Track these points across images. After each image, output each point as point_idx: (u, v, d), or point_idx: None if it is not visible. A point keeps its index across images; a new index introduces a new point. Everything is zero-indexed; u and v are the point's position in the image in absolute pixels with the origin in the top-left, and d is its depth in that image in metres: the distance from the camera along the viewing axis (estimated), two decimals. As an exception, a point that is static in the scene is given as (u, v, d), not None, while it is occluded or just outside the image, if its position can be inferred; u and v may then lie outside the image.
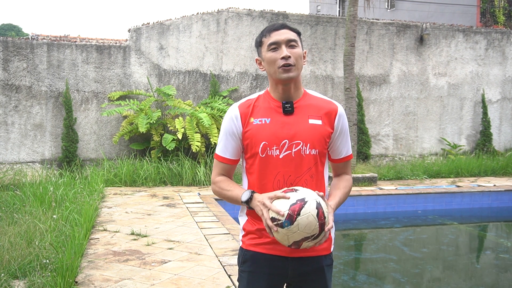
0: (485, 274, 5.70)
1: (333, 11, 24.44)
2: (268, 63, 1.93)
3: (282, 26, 1.92)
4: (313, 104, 1.97)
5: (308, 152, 1.90)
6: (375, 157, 11.19)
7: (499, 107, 12.22)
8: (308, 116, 1.93)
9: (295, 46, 1.90)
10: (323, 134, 1.93)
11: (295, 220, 1.71)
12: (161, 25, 9.85)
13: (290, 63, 1.87)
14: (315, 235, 1.75)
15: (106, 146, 9.54)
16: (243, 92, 10.27)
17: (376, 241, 7.08)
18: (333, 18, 11.13)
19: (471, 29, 12.03)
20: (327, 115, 1.96)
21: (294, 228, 1.72)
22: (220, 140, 1.99)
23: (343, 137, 2.01)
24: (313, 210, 1.73)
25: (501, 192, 8.71)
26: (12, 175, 8.53)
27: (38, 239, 4.53)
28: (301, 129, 1.91)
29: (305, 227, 1.72)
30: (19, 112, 9.10)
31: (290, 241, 1.75)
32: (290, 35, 1.91)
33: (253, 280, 1.95)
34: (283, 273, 1.93)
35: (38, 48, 9.18)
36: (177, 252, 4.70)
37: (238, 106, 1.97)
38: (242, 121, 1.94)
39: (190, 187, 8.63)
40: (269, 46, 1.91)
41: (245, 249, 1.98)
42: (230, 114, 1.96)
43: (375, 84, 11.25)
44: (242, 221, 2.03)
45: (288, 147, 1.89)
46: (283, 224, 1.72)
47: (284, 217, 1.72)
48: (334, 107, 1.98)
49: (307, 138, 1.90)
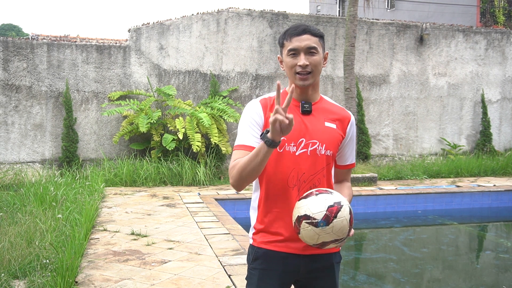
0: (485, 274, 5.70)
1: (333, 11, 24.44)
2: (287, 67, 1.97)
3: (304, 31, 1.92)
4: (328, 109, 2.03)
5: (324, 153, 1.96)
6: (375, 157, 11.19)
7: (499, 107, 12.22)
8: (324, 118, 1.99)
9: (314, 54, 1.93)
10: (336, 138, 2.00)
11: (331, 222, 1.75)
12: (161, 25, 9.85)
13: (307, 71, 1.91)
14: (343, 238, 1.80)
15: (106, 146, 9.54)
16: (243, 92, 10.27)
17: (376, 241, 7.08)
18: (333, 18, 11.13)
19: (471, 29, 12.03)
20: (340, 121, 2.03)
21: (329, 229, 1.75)
22: (241, 132, 1.96)
23: (351, 145, 2.09)
24: (347, 215, 1.78)
25: (501, 192, 8.71)
26: (12, 175, 8.54)
27: (38, 239, 4.53)
28: (318, 129, 1.96)
29: (338, 230, 1.76)
30: (19, 112, 9.10)
31: (319, 241, 1.78)
32: (310, 41, 1.92)
33: (265, 278, 1.96)
34: (295, 270, 1.96)
35: (38, 48, 9.18)
36: (177, 252, 4.70)
37: (259, 100, 2.00)
38: (263, 112, 1.96)
39: (190, 187, 8.63)
40: (289, 51, 1.93)
41: (257, 246, 1.99)
42: (251, 106, 1.98)
43: (375, 84, 11.25)
44: (253, 218, 2.04)
45: (304, 145, 1.93)
46: (318, 224, 1.75)
47: (320, 217, 1.75)
48: (347, 114, 2.06)
49: (323, 139, 1.95)
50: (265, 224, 1.97)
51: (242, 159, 1.82)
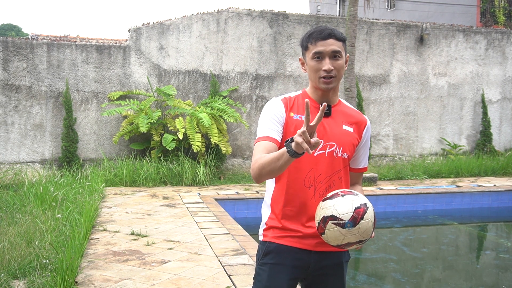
0: (485, 274, 5.70)
1: (333, 11, 24.44)
2: (310, 70, 1.98)
3: (330, 36, 1.94)
4: (346, 112, 2.07)
5: (341, 155, 1.99)
6: (375, 157, 11.19)
7: (499, 107, 12.22)
8: (342, 121, 2.03)
9: (338, 58, 1.95)
10: (353, 141, 2.03)
11: (358, 223, 1.76)
12: (161, 25, 9.85)
13: (331, 75, 1.94)
14: (365, 240, 1.81)
15: (106, 146, 9.54)
16: (243, 92, 10.27)
17: (376, 241, 7.08)
18: (333, 18, 11.13)
19: (471, 29, 12.03)
20: (357, 124, 2.06)
21: (355, 230, 1.77)
22: (262, 125, 1.96)
23: (366, 149, 2.13)
24: (372, 217, 1.81)
25: (501, 192, 8.71)
26: (12, 175, 8.53)
27: (38, 239, 4.53)
28: (336, 132, 1.99)
29: (364, 232, 1.78)
30: (19, 112, 9.10)
31: (344, 242, 1.79)
32: (335, 46, 1.94)
33: (275, 272, 1.97)
34: (305, 266, 1.98)
35: (38, 48, 9.18)
36: (177, 252, 4.70)
37: (281, 99, 2.02)
38: (285, 110, 1.98)
39: (190, 187, 8.62)
40: (313, 54, 1.95)
41: (269, 241, 2.00)
42: (273, 103, 2.00)
43: (375, 84, 11.25)
44: (266, 214, 2.05)
45: (322, 146, 1.95)
46: (345, 225, 1.76)
47: (348, 218, 1.76)
48: (364, 119, 2.10)
49: (341, 142, 1.99)
50: (278, 221, 1.99)
51: (265, 157, 1.81)
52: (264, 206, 2.07)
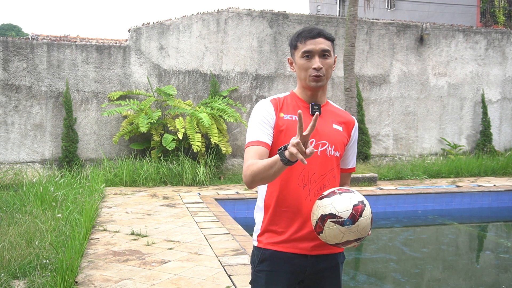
0: (485, 274, 5.70)
1: (333, 11, 24.43)
2: (300, 69, 1.98)
3: (319, 35, 1.95)
4: (335, 112, 2.09)
5: (333, 153, 2.00)
6: (375, 157, 11.19)
7: (499, 107, 12.22)
8: (332, 121, 2.04)
9: (327, 57, 1.96)
10: (343, 140, 2.05)
11: (357, 221, 1.75)
12: (161, 25, 9.85)
13: (320, 74, 1.94)
14: (363, 237, 1.80)
15: (106, 146, 9.54)
16: (243, 92, 10.27)
17: (376, 241, 7.07)
18: (333, 18, 11.13)
19: (471, 29, 12.03)
20: (346, 124, 2.08)
21: (354, 228, 1.76)
22: (251, 129, 1.96)
23: (354, 149, 2.14)
24: (369, 214, 1.80)
25: (501, 192, 8.71)
26: (12, 175, 8.53)
27: (38, 239, 4.53)
28: (327, 131, 2.00)
29: (363, 229, 1.77)
30: (19, 112, 9.10)
31: (343, 240, 1.78)
32: (325, 45, 1.95)
33: (272, 279, 1.95)
34: (302, 270, 1.96)
35: (38, 48, 9.18)
36: (177, 252, 4.70)
37: (270, 100, 2.02)
38: (275, 111, 1.98)
39: (190, 187, 8.63)
40: (303, 53, 1.95)
41: (263, 248, 1.98)
42: (262, 105, 1.99)
43: (375, 84, 11.25)
44: (259, 218, 2.02)
45: (315, 145, 1.95)
46: (344, 223, 1.75)
47: (347, 216, 1.75)
48: (352, 119, 2.12)
49: (332, 140, 2.00)
50: (272, 223, 1.96)
51: (258, 164, 1.79)
52: (257, 209, 2.04)
